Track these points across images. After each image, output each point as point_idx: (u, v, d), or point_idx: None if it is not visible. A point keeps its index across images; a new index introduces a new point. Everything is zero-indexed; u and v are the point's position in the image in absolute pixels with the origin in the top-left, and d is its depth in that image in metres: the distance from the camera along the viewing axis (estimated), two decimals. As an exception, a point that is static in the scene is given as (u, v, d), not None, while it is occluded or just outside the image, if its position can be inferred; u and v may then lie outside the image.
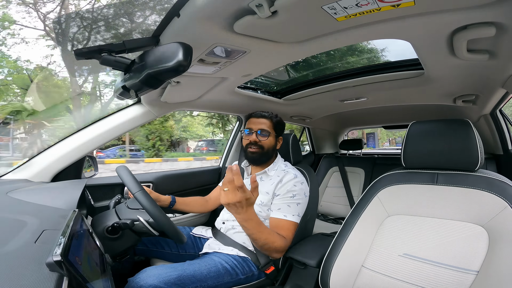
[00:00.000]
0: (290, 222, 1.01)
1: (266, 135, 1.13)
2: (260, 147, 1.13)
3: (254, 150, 1.13)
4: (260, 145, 1.13)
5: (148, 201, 0.81)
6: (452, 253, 0.70)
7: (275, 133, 1.17)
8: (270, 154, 1.16)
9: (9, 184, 0.90)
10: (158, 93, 1.15)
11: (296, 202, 1.03)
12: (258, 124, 1.15)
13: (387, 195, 0.86)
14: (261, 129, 1.13)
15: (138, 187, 0.84)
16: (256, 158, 1.14)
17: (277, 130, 1.18)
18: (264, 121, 1.15)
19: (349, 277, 0.82)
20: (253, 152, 1.13)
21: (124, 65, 0.68)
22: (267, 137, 1.13)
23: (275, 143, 1.17)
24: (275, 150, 1.19)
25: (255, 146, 1.13)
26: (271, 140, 1.15)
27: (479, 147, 0.75)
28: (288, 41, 0.79)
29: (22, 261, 0.43)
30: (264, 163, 1.16)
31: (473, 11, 0.59)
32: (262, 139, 1.13)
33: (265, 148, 1.13)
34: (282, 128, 1.22)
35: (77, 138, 1.09)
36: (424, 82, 1.15)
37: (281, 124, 1.20)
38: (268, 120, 1.16)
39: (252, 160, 1.17)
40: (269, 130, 1.14)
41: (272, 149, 1.16)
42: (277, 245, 0.95)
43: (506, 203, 0.68)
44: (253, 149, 1.13)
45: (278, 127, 1.18)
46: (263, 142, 1.13)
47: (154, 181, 1.42)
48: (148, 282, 0.81)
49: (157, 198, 1.11)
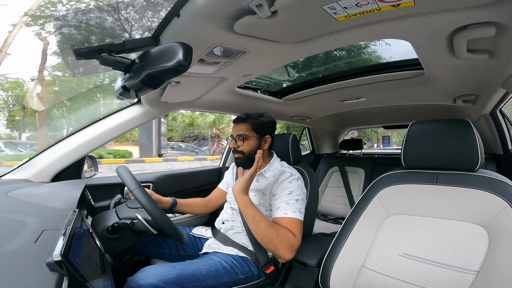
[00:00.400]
0: (292, 219, 0.97)
1: (243, 139, 1.11)
2: (240, 153, 1.11)
3: (237, 156, 1.12)
4: (240, 150, 1.11)
5: (146, 198, 0.81)
6: (452, 253, 0.70)
7: (258, 134, 1.12)
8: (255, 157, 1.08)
9: (9, 184, 0.90)
10: (158, 93, 1.15)
11: (294, 198, 1.01)
12: (236, 129, 1.13)
13: (387, 195, 0.86)
14: (238, 135, 1.12)
15: (136, 185, 0.85)
16: (241, 164, 1.12)
17: (259, 131, 1.12)
18: (241, 126, 1.12)
19: (349, 277, 0.82)
20: (237, 158, 1.13)
21: (124, 65, 0.68)
22: (243, 142, 1.11)
23: (258, 145, 1.12)
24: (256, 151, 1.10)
25: (236, 152, 1.12)
26: (251, 143, 1.11)
27: (479, 147, 0.75)
28: (288, 41, 0.79)
29: (22, 261, 0.43)
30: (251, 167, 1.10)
31: (473, 11, 0.59)
32: (240, 144, 1.11)
33: (245, 153, 1.11)
34: (269, 126, 1.16)
35: (77, 138, 1.10)
36: (424, 82, 1.15)
37: (264, 123, 1.13)
38: (246, 123, 1.12)
39: (238, 165, 1.14)
40: (247, 133, 1.11)
41: (255, 151, 1.08)
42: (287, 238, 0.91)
43: (506, 203, 0.68)
44: (236, 155, 1.13)
45: (259, 127, 1.12)
46: (241, 147, 1.11)
47: (154, 181, 1.42)
48: (147, 281, 0.81)
49: (159, 200, 1.11)
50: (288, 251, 0.91)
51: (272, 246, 0.91)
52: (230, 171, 1.32)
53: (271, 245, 0.91)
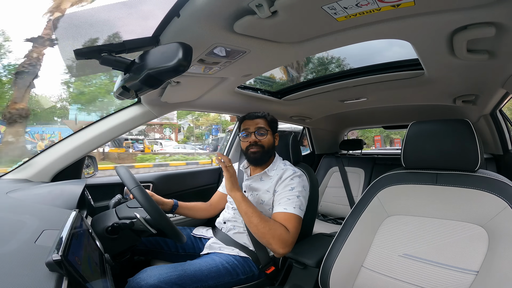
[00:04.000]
0: (291, 214, 0.99)
1: (265, 133, 1.14)
2: (260, 147, 1.12)
3: (256, 150, 1.12)
4: (261, 144, 1.13)
5: (145, 197, 0.81)
6: (452, 253, 0.70)
7: (271, 131, 1.17)
8: (271, 152, 1.17)
9: (9, 184, 0.90)
10: (158, 93, 1.15)
11: (295, 194, 1.02)
12: (254, 124, 1.15)
13: (387, 195, 0.86)
14: (258, 128, 1.14)
15: (135, 184, 0.84)
16: (259, 158, 1.13)
17: (272, 128, 1.18)
18: (259, 121, 1.16)
19: (349, 277, 0.82)
20: (255, 152, 1.12)
21: (124, 65, 0.68)
22: (265, 136, 1.14)
23: (273, 140, 1.18)
24: (274, 148, 1.19)
25: (255, 146, 1.12)
26: (270, 138, 1.15)
27: (479, 147, 0.75)
28: (288, 41, 0.79)
29: (22, 261, 0.43)
30: (266, 162, 1.17)
31: (473, 11, 0.59)
32: (261, 138, 1.13)
33: (265, 147, 1.13)
34: (277, 125, 1.23)
35: (77, 138, 1.09)
36: (424, 82, 1.15)
37: (275, 122, 1.21)
38: (263, 119, 1.16)
39: (254, 161, 1.16)
40: (266, 128, 1.15)
41: (272, 147, 1.16)
42: (279, 232, 0.94)
43: (506, 203, 0.68)
44: (254, 149, 1.12)
45: (273, 125, 1.19)
46: (262, 141, 1.13)
47: (154, 181, 1.42)
48: (148, 282, 0.81)
49: (159, 201, 1.11)
50: (280, 245, 0.94)
51: (265, 240, 0.95)
52: None
53: (263, 239, 0.96)
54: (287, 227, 0.97)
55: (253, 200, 1.11)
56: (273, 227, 0.95)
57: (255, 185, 1.14)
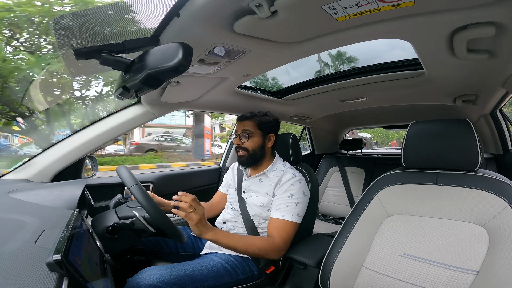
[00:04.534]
0: (288, 222, 0.99)
1: (247, 136, 1.11)
2: (245, 150, 1.11)
3: (241, 154, 1.12)
4: (244, 147, 1.11)
5: (144, 196, 0.80)
6: (452, 253, 0.70)
7: (262, 132, 1.13)
8: (259, 155, 1.13)
9: (9, 184, 0.90)
10: (158, 93, 1.15)
11: (294, 201, 1.02)
12: (241, 126, 1.14)
13: (387, 195, 0.86)
14: (243, 131, 1.12)
15: (134, 182, 0.84)
16: (245, 162, 1.13)
17: (263, 128, 1.13)
18: (246, 123, 1.13)
19: (349, 277, 0.82)
20: (241, 156, 1.12)
21: (124, 65, 0.68)
22: (247, 138, 1.11)
23: (262, 142, 1.13)
24: (264, 149, 1.14)
25: (241, 150, 1.12)
26: (255, 140, 1.12)
27: (479, 147, 0.75)
28: (288, 41, 0.79)
29: (22, 261, 0.43)
30: (255, 164, 1.14)
31: (473, 11, 0.59)
32: (244, 141, 1.12)
33: (250, 150, 1.11)
34: (273, 125, 1.17)
35: (77, 138, 1.10)
36: (424, 82, 1.15)
37: (268, 122, 1.15)
38: (251, 121, 1.13)
39: (242, 164, 1.15)
40: (252, 130, 1.12)
41: (259, 149, 1.12)
42: (270, 245, 0.93)
43: (506, 203, 0.68)
44: (240, 152, 1.12)
45: (264, 125, 1.13)
46: (245, 144, 1.11)
47: (154, 181, 1.42)
48: (148, 283, 0.81)
49: (160, 202, 1.10)
50: (274, 255, 0.96)
51: (260, 257, 0.98)
52: (230, 172, 1.32)
53: (258, 256, 0.98)
54: (281, 234, 0.97)
55: (253, 201, 1.11)
56: (263, 246, 0.93)
57: (254, 187, 1.14)
